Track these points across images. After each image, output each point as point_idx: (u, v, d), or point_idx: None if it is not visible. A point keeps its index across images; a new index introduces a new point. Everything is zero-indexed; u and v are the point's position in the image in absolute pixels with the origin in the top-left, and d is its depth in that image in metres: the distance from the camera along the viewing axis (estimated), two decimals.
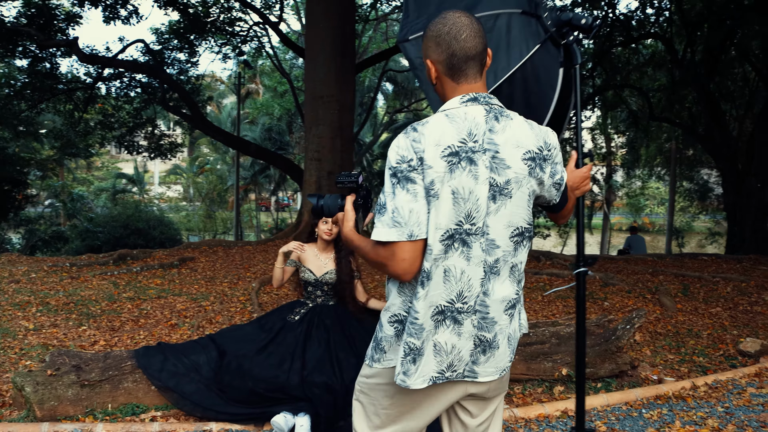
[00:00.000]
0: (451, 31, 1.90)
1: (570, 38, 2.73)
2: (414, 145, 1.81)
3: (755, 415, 4.18)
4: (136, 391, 4.19)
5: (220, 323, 6.66)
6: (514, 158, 1.90)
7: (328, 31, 12.31)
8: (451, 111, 1.89)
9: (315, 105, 12.55)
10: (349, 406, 3.86)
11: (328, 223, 4.41)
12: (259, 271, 9.82)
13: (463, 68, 1.92)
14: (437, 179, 1.80)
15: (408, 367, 1.90)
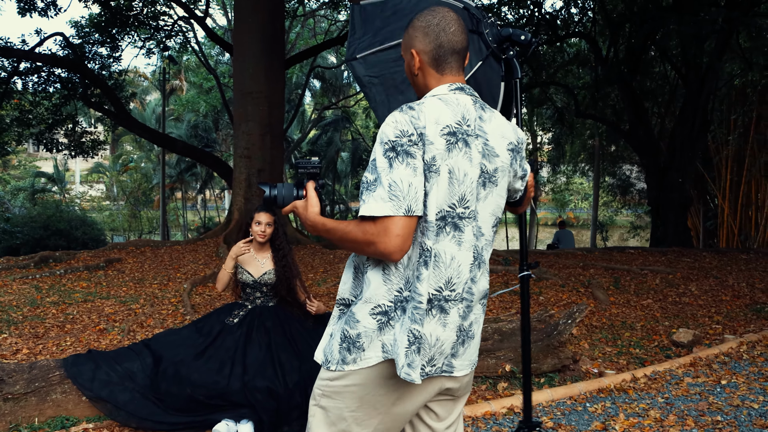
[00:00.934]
0: (441, 23, 1.90)
1: (510, 53, 2.77)
2: (413, 121, 1.76)
3: (693, 404, 4.26)
4: (66, 403, 3.95)
5: (151, 327, 6.42)
6: (501, 148, 1.92)
7: (256, 27, 12.07)
8: (443, 96, 1.87)
9: (244, 101, 12.29)
10: (293, 411, 3.76)
11: (261, 224, 4.28)
12: (189, 272, 9.54)
13: (449, 60, 1.92)
14: (438, 156, 1.76)
15: (413, 358, 1.78)
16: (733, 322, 6.70)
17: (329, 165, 28.37)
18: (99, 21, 16.95)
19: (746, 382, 4.69)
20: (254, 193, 12.34)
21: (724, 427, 3.92)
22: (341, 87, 28.70)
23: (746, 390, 4.53)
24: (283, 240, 4.42)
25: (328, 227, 1.91)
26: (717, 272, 9.44)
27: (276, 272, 4.30)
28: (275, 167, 12.69)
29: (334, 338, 1.95)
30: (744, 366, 5.05)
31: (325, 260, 10.71)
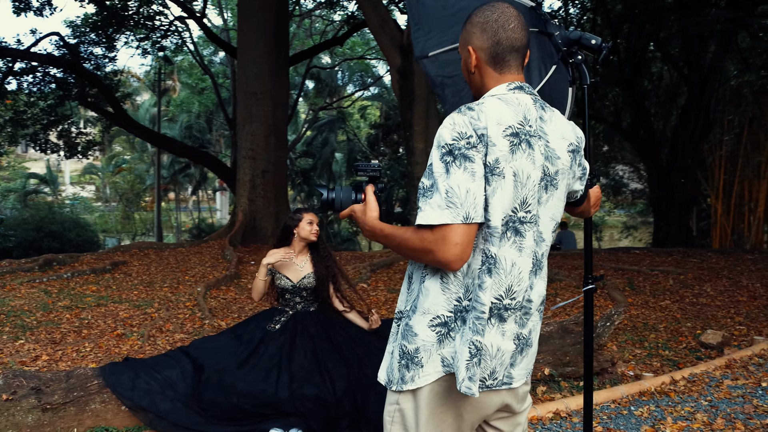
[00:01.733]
0: (500, 19, 1.80)
1: (579, 58, 2.68)
2: (473, 122, 1.66)
3: (739, 407, 4.22)
4: (105, 413, 3.85)
5: (171, 331, 6.31)
6: (561, 149, 1.83)
7: (261, 27, 11.99)
8: (502, 95, 1.78)
9: (248, 102, 12.20)
10: (342, 419, 3.67)
11: (313, 224, 4.18)
12: (197, 274, 9.42)
13: (507, 59, 1.82)
14: (502, 158, 1.67)
15: (474, 371, 1.70)
16: (756, 323, 6.68)
17: (324, 166, 28.25)
18: (95, 21, 16.78)
19: None
20: (258, 194, 12.24)
21: None
22: (336, 87, 28.59)
23: None
24: (324, 242, 4.35)
25: (386, 233, 1.84)
26: (728, 273, 9.44)
27: (316, 274, 4.21)
28: (280, 168, 12.61)
29: (394, 356, 1.87)
30: None
31: None
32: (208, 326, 6.50)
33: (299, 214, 4.25)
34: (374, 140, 26.65)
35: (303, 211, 4.27)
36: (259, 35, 11.97)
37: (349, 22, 19.93)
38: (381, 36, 11.95)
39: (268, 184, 12.35)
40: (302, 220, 4.21)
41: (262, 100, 12.04)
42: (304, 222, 4.20)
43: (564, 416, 4.08)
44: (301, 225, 4.20)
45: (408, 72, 11.87)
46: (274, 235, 12.29)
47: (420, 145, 11.93)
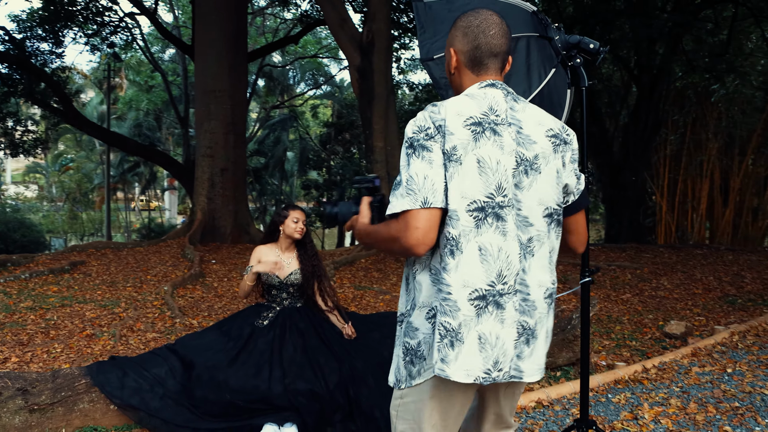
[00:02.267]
0: (481, 24, 1.90)
1: (577, 60, 2.79)
2: (432, 116, 1.78)
3: (709, 392, 4.42)
4: (93, 413, 3.81)
5: (142, 331, 6.24)
6: (538, 134, 1.88)
7: (220, 24, 11.89)
8: (470, 92, 1.88)
9: (206, 100, 12.08)
10: (336, 413, 3.72)
11: (299, 221, 4.21)
12: (159, 274, 9.31)
13: (486, 62, 1.91)
14: (460, 146, 1.76)
15: (446, 352, 1.76)
16: (713, 314, 6.95)
17: (276, 164, 28.08)
18: (41, 15, 16.32)
19: (750, 369, 4.88)
20: (216, 193, 12.14)
21: (744, 412, 4.08)
22: (288, 86, 28.44)
23: (752, 377, 4.71)
24: (311, 239, 4.37)
25: (369, 230, 1.96)
26: (681, 267, 9.78)
27: (303, 271, 4.24)
28: (239, 166, 12.52)
29: (399, 355, 1.95)
30: (742, 355, 5.25)
31: None
32: (179, 325, 6.45)
33: (286, 211, 4.28)
34: (326, 139, 26.63)
35: (290, 208, 4.29)
36: (218, 32, 11.87)
37: (302, 20, 19.86)
38: (340, 35, 11.96)
39: (227, 182, 12.25)
40: (288, 218, 4.24)
41: (221, 98, 11.94)
42: (290, 219, 4.23)
43: (546, 405, 4.21)
44: (287, 222, 4.23)
45: (367, 71, 11.92)
46: (233, 234, 12.27)
47: (379, 143, 11.98)
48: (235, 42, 12.12)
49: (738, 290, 8.06)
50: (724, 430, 3.85)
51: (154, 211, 36.78)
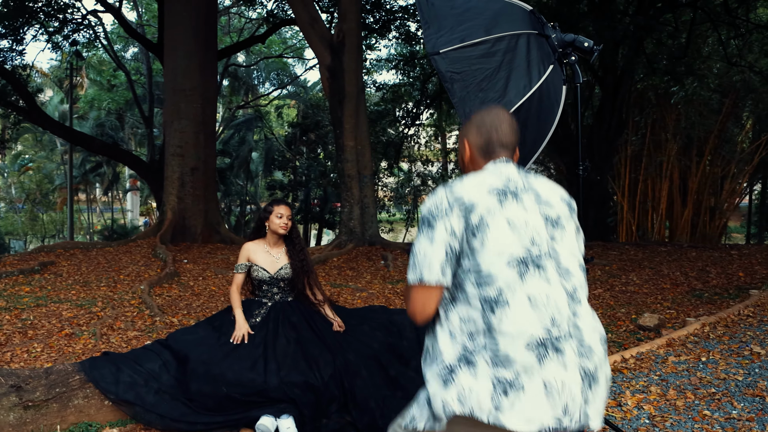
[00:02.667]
0: (493, 122, 2.07)
1: (572, 58, 2.91)
2: (448, 193, 1.91)
3: (686, 379, 4.59)
4: (88, 408, 3.81)
5: (122, 329, 6.21)
6: (555, 198, 2.02)
7: (189, 22, 11.83)
8: (486, 168, 2.03)
9: (176, 99, 11.99)
10: (331, 404, 3.78)
11: (283, 216, 4.25)
12: (132, 273, 9.22)
13: (497, 151, 2.07)
14: (487, 212, 1.87)
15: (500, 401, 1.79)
16: (682, 307, 7.17)
17: (242, 165, 27.90)
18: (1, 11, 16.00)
19: (722, 358, 5.07)
20: (187, 192, 12.06)
21: (721, 397, 4.26)
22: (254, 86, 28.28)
23: (726, 365, 4.90)
24: (299, 234, 4.42)
25: None
26: (648, 263, 10.04)
27: (292, 266, 4.29)
28: (209, 166, 12.46)
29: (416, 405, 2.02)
30: (714, 344, 5.44)
31: None
32: (160, 323, 6.43)
33: (271, 206, 4.32)
34: (292, 139, 26.56)
35: (275, 203, 4.33)
36: (188, 30, 11.79)
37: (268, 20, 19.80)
38: (311, 34, 11.99)
39: (198, 182, 12.18)
40: (272, 213, 4.28)
41: (191, 97, 11.87)
42: (274, 215, 4.27)
43: None
44: (272, 218, 4.28)
45: (338, 70, 11.97)
46: (204, 234, 12.20)
47: (350, 142, 12.05)
48: (206, 40, 12.06)
49: (704, 285, 8.32)
50: (703, 414, 4.01)
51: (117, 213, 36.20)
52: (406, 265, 10.10)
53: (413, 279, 1.89)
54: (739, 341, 5.50)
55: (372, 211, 12.38)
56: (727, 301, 7.23)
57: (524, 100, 2.78)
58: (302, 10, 11.82)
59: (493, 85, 2.76)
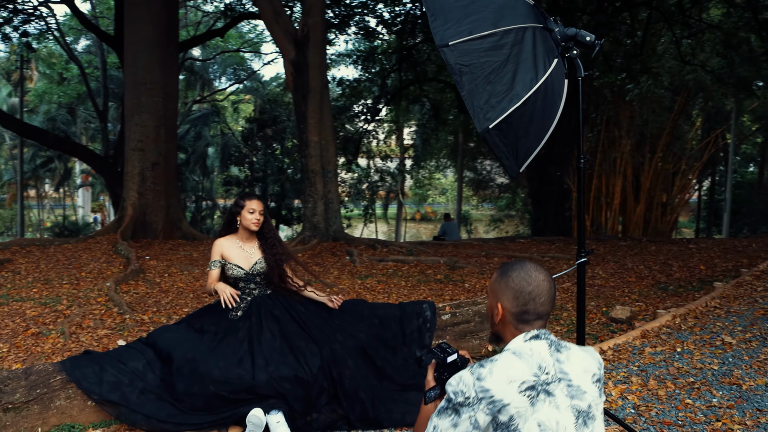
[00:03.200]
0: (533, 292, 1.96)
1: (574, 52, 2.92)
2: (477, 387, 1.83)
3: (665, 369, 4.68)
4: (70, 410, 3.69)
5: (92, 327, 6.05)
6: (586, 383, 1.94)
7: (150, 15, 11.59)
8: (516, 348, 1.93)
9: (137, 92, 11.74)
10: (321, 396, 3.74)
11: (255, 212, 4.16)
12: (94, 271, 8.99)
13: (531, 322, 1.97)
14: (517, 414, 1.82)
15: None
16: (650, 299, 7.31)
17: (198, 160, 27.48)
18: None
19: (696, 348, 5.19)
20: (147, 188, 11.83)
21: (700, 386, 4.36)
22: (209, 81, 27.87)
23: (700, 355, 5.01)
24: (271, 227, 4.33)
25: (422, 408, 2.13)
26: (612, 257, 10.21)
27: (266, 260, 4.21)
28: (170, 161, 12.24)
29: None
30: (687, 335, 5.56)
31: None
32: (130, 321, 6.28)
33: (242, 201, 4.22)
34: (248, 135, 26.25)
35: (247, 197, 4.23)
36: (149, 23, 11.55)
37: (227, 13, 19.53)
38: (275, 28, 11.86)
39: (158, 177, 11.94)
40: (244, 208, 4.19)
41: (152, 90, 11.63)
42: (246, 210, 4.19)
43: None
44: (243, 213, 4.19)
45: (302, 64, 11.87)
46: (165, 230, 11.98)
47: (314, 137, 11.96)
48: (167, 33, 11.83)
49: (668, 278, 8.50)
50: (686, 402, 4.09)
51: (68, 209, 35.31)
52: (370, 260, 10.09)
53: None
54: (710, 332, 5.63)
55: (336, 207, 12.32)
56: (692, 294, 7.40)
57: (531, 94, 2.78)
58: (266, 4, 11.67)
59: (501, 78, 2.75)
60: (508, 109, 2.73)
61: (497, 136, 2.76)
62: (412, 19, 18.10)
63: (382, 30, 19.89)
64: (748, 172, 32.18)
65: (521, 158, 2.87)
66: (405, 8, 19.12)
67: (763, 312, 6.12)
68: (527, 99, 2.78)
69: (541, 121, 2.85)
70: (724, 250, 10.44)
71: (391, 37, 20.76)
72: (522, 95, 2.76)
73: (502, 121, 2.74)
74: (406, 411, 3.87)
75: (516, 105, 2.75)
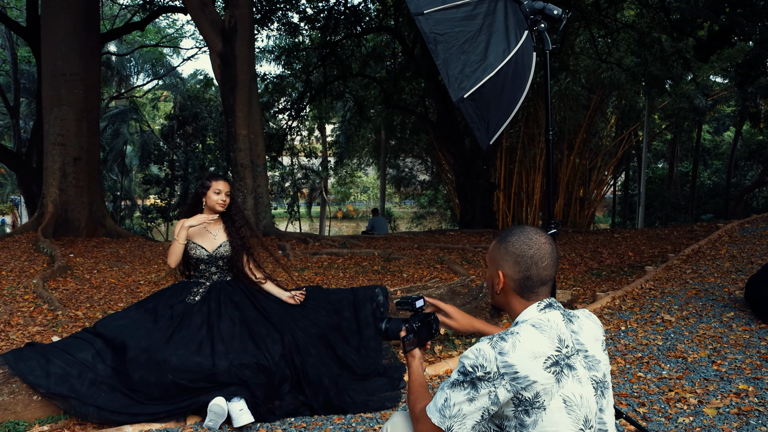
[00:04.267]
0: (535, 256, 1.90)
1: (542, 26, 2.96)
2: (499, 361, 1.76)
3: (613, 347, 4.82)
4: (14, 405, 3.49)
5: (22, 325, 5.75)
6: (598, 351, 1.93)
7: (70, 3, 11.08)
8: (534, 319, 1.87)
9: (56, 84, 11.24)
10: (283, 384, 3.65)
11: (221, 192, 4.05)
12: (16, 269, 8.54)
13: (536, 290, 1.92)
14: (543, 391, 1.76)
15: None
16: (585, 284, 7.52)
17: (116, 158, 26.55)
18: None
19: (639, 326, 5.37)
20: (69, 184, 11.34)
21: (648, 360, 4.52)
22: (128, 76, 26.98)
23: (644, 332, 5.19)
24: (238, 210, 4.23)
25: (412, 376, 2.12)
26: None
27: (231, 243, 4.11)
28: (93, 155, 11.78)
29: None
30: (627, 315, 5.74)
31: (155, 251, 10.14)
32: (63, 317, 6.00)
33: (208, 181, 4.10)
34: (168, 132, 25.58)
35: (213, 178, 4.11)
36: (68, 11, 11.06)
37: (146, 7, 18.96)
38: (201, 19, 11.59)
39: (81, 172, 11.46)
40: (210, 189, 4.07)
41: (73, 82, 11.15)
42: (212, 191, 4.07)
43: None
44: (209, 194, 4.07)
45: (230, 57, 11.64)
46: (89, 227, 11.51)
47: (243, 131, 11.75)
48: (87, 22, 11.37)
49: (599, 264, 8.77)
50: (638, 375, 4.22)
51: None
52: (304, 254, 9.98)
53: (438, 421, 1.83)
54: (649, 311, 5.83)
55: (266, 201, 12.15)
56: (626, 278, 7.65)
57: (503, 65, 2.78)
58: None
59: (475, 48, 2.75)
60: (482, 79, 2.73)
61: (471, 107, 2.75)
62: (336, 14, 18.02)
63: (305, 26, 19.72)
64: (659, 168, 33.62)
65: (492, 130, 2.88)
66: (328, 4, 19.06)
67: (695, 292, 6.39)
68: (499, 70, 2.78)
69: (511, 92, 2.86)
70: (649, 238, 10.85)
71: (314, 33, 20.62)
72: (495, 66, 2.76)
73: (476, 91, 2.73)
74: (368, 398, 3.84)
75: (489, 75, 2.75)
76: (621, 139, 25.25)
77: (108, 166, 25.97)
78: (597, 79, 20.81)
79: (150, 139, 26.86)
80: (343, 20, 18.08)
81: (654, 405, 3.72)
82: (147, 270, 8.56)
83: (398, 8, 16.98)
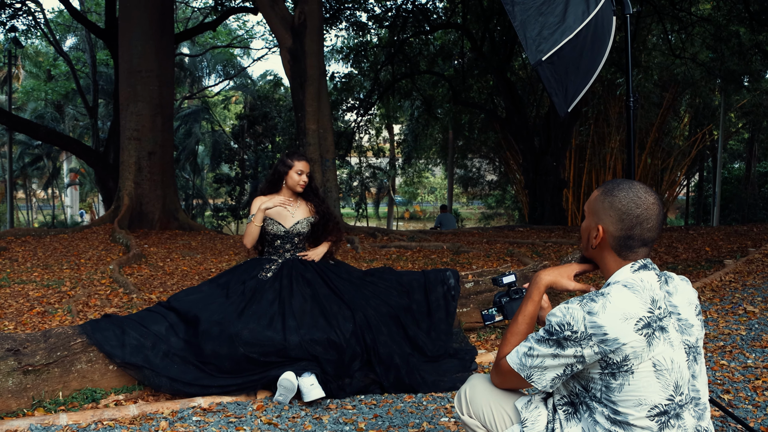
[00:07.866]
0: (642, 215, 1.80)
1: None
2: (588, 321, 1.70)
3: None
4: (92, 373, 3.56)
5: (99, 306, 5.91)
6: (692, 316, 1.84)
7: (146, 3, 11.40)
8: (627, 281, 1.78)
9: (132, 80, 11.58)
10: (354, 361, 3.62)
11: (303, 173, 4.08)
12: (93, 257, 8.82)
13: (635, 250, 1.83)
14: (633, 354, 1.70)
15: None
16: None
17: (188, 157, 27.24)
18: None
19: (720, 316, 5.16)
20: (144, 177, 11.65)
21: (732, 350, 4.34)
22: (201, 77, 27.66)
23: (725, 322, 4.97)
24: (317, 190, 4.30)
25: (519, 310, 1.99)
26: None
27: (318, 212, 4.21)
28: (166, 150, 12.08)
29: None
30: (707, 306, 5.51)
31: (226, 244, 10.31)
32: (137, 299, 6.14)
33: (290, 160, 4.13)
34: (239, 131, 26.09)
35: (295, 157, 4.14)
36: (143, 11, 11.40)
37: (217, 8, 19.39)
38: (272, 16, 11.74)
39: (155, 166, 11.78)
40: (292, 168, 4.09)
41: (148, 79, 11.48)
42: (294, 171, 4.10)
43: None
44: (291, 173, 4.10)
45: (299, 53, 11.75)
46: (162, 220, 11.80)
47: (312, 126, 11.84)
48: (162, 21, 11.68)
49: (675, 259, 8.47)
50: (721, 363, 4.06)
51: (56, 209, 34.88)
52: (372, 246, 9.97)
53: (518, 368, 1.84)
54: (730, 302, 5.58)
55: (335, 195, 12.21)
56: (703, 271, 7.35)
57: (582, 27, 2.69)
58: None
59: (553, 9, 2.66)
60: (560, 42, 2.64)
61: (549, 70, 2.67)
62: (404, 13, 18.02)
63: (373, 25, 19.79)
64: (735, 168, 32.37)
65: (570, 96, 2.78)
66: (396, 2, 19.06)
67: None
68: (578, 32, 2.69)
69: (591, 56, 2.75)
70: (727, 234, 10.44)
71: (383, 32, 20.67)
72: (574, 28, 2.67)
73: (554, 54, 2.65)
74: (438, 378, 3.78)
75: (568, 37, 2.66)
76: (695, 139, 24.44)
77: (180, 165, 26.65)
78: (670, 75, 20.17)
79: (221, 138, 27.45)
80: (411, 18, 18.06)
81: (740, 392, 3.54)
82: (218, 260, 8.70)
83: (466, 5, 16.86)
